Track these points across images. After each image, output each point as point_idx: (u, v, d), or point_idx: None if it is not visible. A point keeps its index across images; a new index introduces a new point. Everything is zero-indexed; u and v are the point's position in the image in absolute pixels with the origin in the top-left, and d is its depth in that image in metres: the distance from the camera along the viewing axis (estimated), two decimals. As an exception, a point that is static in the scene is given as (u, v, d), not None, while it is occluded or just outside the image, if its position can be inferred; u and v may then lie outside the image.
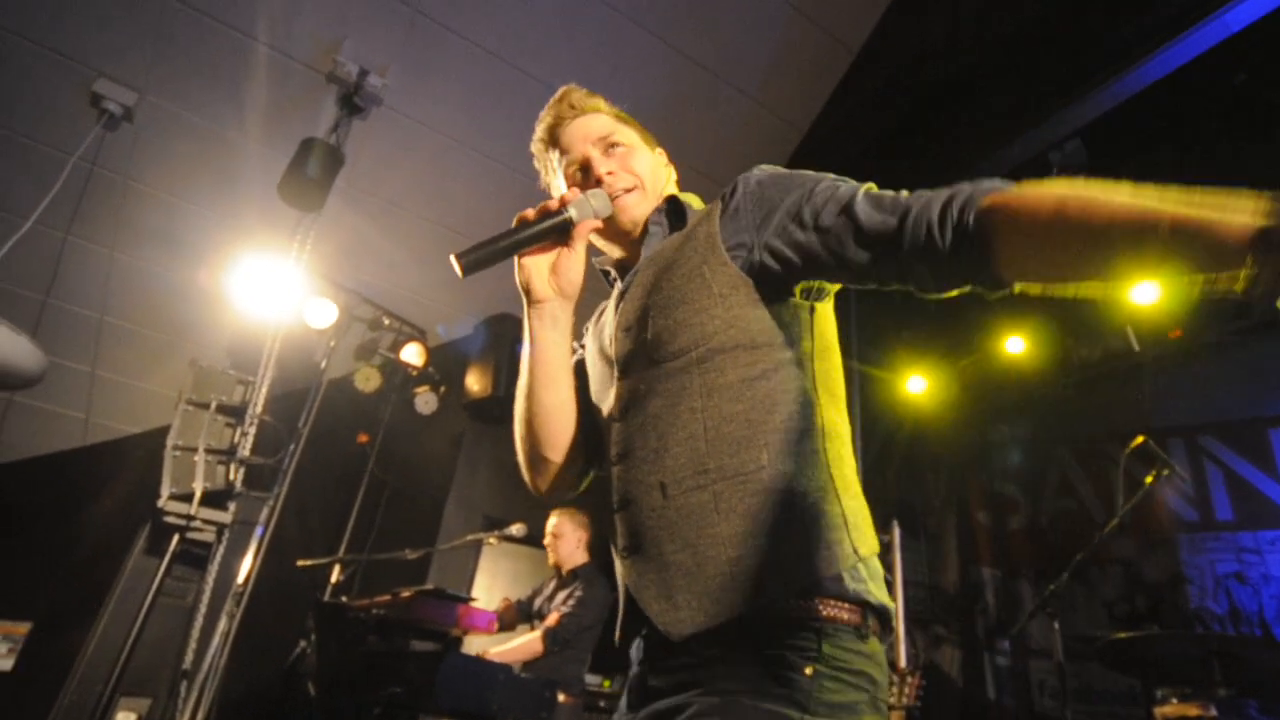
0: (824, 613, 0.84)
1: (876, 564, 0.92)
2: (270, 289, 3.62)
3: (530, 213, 1.05)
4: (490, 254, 1.00)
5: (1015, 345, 4.30)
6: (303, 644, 3.20)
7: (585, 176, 1.15)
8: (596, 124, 1.18)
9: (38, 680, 4.32)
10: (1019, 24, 3.49)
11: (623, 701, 0.99)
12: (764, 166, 1.06)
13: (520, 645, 3.10)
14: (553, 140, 1.20)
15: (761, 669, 0.81)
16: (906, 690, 2.51)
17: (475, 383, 4.68)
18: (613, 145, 1.16)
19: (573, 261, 1.07)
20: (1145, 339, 3.94)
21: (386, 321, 4.63)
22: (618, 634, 1.03)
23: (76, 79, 3.59)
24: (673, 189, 1.23)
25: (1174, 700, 2.12)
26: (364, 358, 4.64)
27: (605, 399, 1.08)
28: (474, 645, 3.63)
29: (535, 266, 1.07)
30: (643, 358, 1.01)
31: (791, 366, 0.96)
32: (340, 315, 4.16)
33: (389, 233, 4.50)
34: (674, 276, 1.02)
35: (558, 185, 1.21)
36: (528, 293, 1.08)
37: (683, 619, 0.86)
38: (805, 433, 0.92)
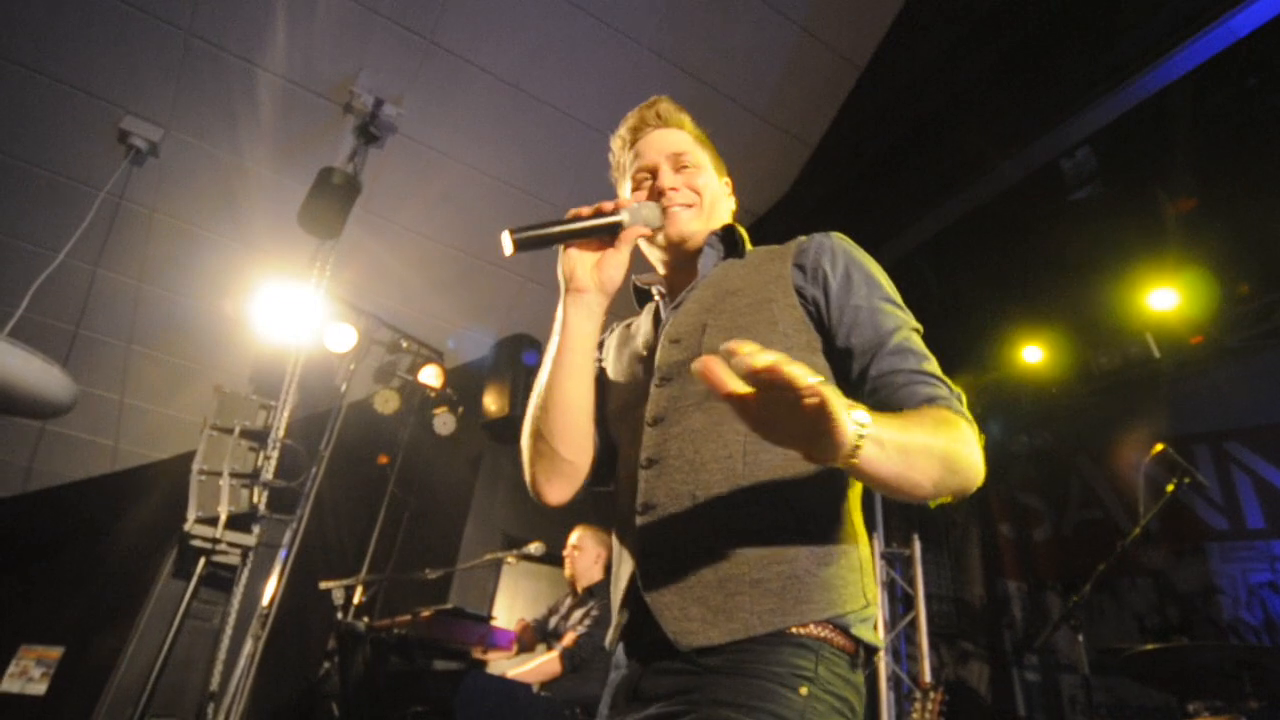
0: (826, 638, 0.88)
1: (875, 609, 0.98)
2: (291, 315, 3.69)
3: (585, 210, 1.10)
4: (541, 237, 1.06)
5: (1033, 355, 4.26)
6: (326, 665, 3.23)
7: (651, 184, 1.21)
8: (674, 139, 1.24)
9: (69, 704, 4.40)
10: (1026, 33, 3.50)
11: (604, 703, 0.99)
12: (840, 237, 1.11)
13: (539, 666, 3.10)
14: (632, 142, 1.26)
15: (758, 684, 0.84)
16: (929, 706, 2.47)
17: (492, 403, 4.73)
18: (683, 163, 1.22)
19: (617, 260, 1.12)
20: (1165, 346, 3.88)
21: (405, 344, 4.70)
22: (611, 635, 1.02)
23: (104, 117, 3.71)
24: (728, 219, 1.27)
25: (1205, 714, 2.07)
26: (383, 380, 4.71)
27: (634, 405, 1.09)
28: (493, 666, 3.63)
29: (580, 258, 1.12)
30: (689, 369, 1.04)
31: None
32: (359, 339, 4.23)
33: (406, 258, 4.58)
34: (738, 301, 1.07)
35: (625, 186, 1.27)
36: (569, 280, 1.12)
37: (694, 630, 0.87)
38: (835, 476, 0.97)
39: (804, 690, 0.83)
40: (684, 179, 1.20)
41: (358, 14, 3.49)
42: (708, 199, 1.20)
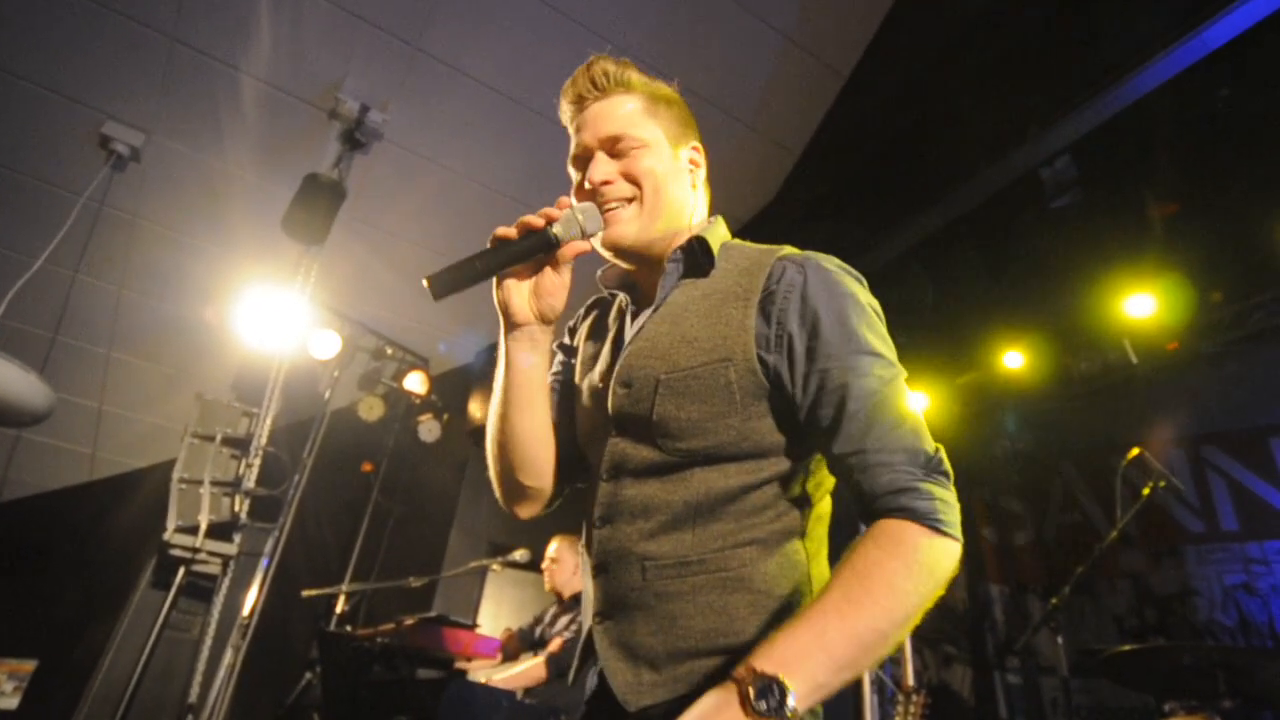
0: None
1: None
2: (274, 321, 3.67)
3: (509, 231, 0.94)
4: (465, 277, 0.90)
5: (1014, 360, 4.32)
6: (308, 676, 3.20)
7: (586, 174, 1.05)
8: (610, 115, 1.05)
9: (43, 717, 4.32)
10: (1005, 44, 3.56)
11: None
12: (817, 268, 0.96)
13: (524, 671, 3.09)
14: (573, 120, 1.09)
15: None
16: (911, 710, 2.49)
17: (478, 409, 4.72)
18: (620, 148, 1.03)
19: (557, 283, 0.99)
20: (1142, 352, 3.95)
21: (389, 351, 4.69)
22: (572, 676, 1.04)
23: (85, 121, 3.68)
24: (701, 201, 1.12)
25: (1181, 713, 2.10)
26: (367, 387, 4.69)
27: (594, 440, 1.05)
28: (477, 674, 3.61)
29: (516, 286, 0.99)
30: (642, 428, 0.96)
31: (794, 475, 0.95)
32: (343, 346, 4.22)
33: (391, 264, 4.56)
34: (694, 355, 0.94)
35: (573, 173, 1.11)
36: (506, 314, 1.00)
37: (642, 694, 0.90)
38: (790, 534, 0.93)
39: None
40: (621, 166, 1.03)
41: (344, 20, 3.49)
42: (650, 187, 1.02)
